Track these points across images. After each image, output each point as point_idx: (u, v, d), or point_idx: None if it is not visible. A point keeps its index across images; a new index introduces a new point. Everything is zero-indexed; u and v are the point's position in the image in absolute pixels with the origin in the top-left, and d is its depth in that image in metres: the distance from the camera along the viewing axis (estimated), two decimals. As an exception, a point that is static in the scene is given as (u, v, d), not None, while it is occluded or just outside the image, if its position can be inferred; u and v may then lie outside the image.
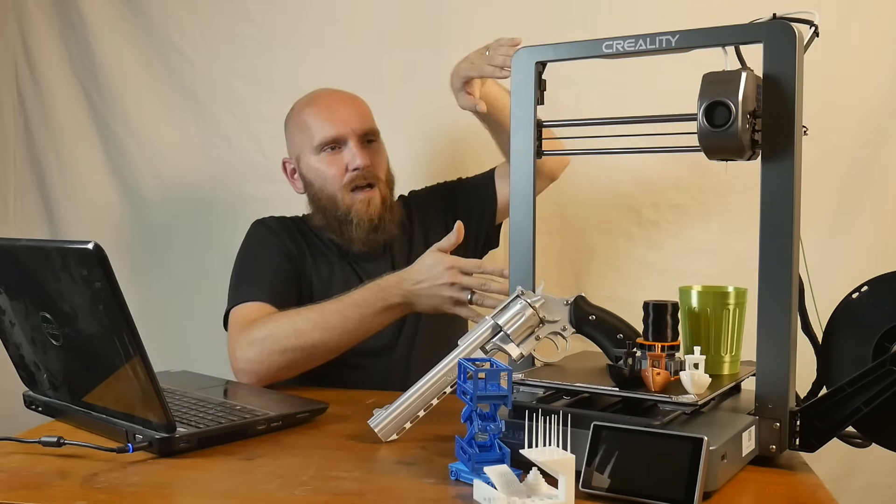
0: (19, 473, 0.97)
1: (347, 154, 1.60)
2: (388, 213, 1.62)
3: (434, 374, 1.09)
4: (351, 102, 1.65)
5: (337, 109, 1.63)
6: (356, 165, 1.59)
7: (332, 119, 1.61)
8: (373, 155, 1.62)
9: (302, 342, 1.39)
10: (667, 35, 1.03)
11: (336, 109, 1.63)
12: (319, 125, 1.61)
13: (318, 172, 1.62)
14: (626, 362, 1.00)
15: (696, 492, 0.83)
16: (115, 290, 0.96)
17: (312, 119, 1.63)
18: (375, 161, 1.62)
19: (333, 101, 1.65)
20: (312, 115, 1.63)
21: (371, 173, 1.60)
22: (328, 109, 1.63)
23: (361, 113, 1.64)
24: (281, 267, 1.59)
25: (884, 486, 1.73)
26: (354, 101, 1.67)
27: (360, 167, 1.59)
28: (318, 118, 1.62)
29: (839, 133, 1.71)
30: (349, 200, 1.60)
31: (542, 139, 1.16)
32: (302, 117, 1.65)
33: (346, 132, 1.60)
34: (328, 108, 1.63)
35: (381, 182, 1.63)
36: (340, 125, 1.60)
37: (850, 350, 1.02)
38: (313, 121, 1.62)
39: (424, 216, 1.74)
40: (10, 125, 2.15)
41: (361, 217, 1.59)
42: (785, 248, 0.97)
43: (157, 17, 2.05)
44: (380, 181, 1.62)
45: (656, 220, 1.82)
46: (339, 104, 1.64)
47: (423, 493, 0.91)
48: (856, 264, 1.67)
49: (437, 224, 1.72)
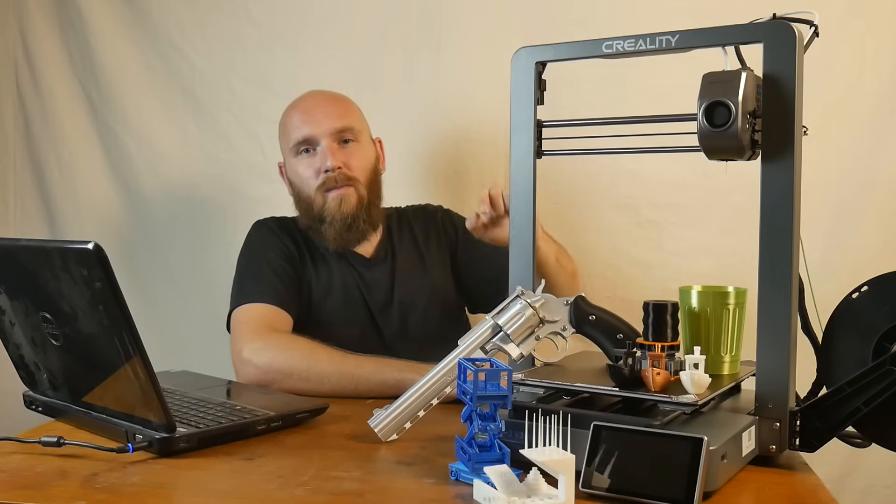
0: (19, 473, 0.97)
1: (320, 155, 1.60)
2: (363, 212, 1.60)
3: (434, 374, 1.09)
4: (329, 102, 1.64)
5: (312, 110, 1.62)
6: (327, 167, 1.58)
7: (306, 120, 1.61)
8: (348, 155, 1.61)
9: (313, 375, 1.38)
10: (667, 35, 1.03)
11: (311, 110, 1.62)
12: (294, 127, 1.62)
13: (297, 174, 1.63)
14: (626, 362, 1.00)
15: (696, 492, 0.83)
16: (115, 290, 0.96)
17: (290, 121, 1.64)
18: (351, 162, 1.61)
19: (311, 102, 1.65)
20: (290, 117, 1.64)
21: (345, 175, 1.59)
22: (304, 111, 1.63)
23: (338, 113, 1.63)
24: (283, 268, 1.59)
25: (884, 486, 1.73)
26: (333, 100, 1.65)
27: (330, 168, 1.58)
28: (293, 120, 1.63)
29: (839, 133, 1.71)
30: (321, 200, 1.59)
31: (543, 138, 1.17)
32: (283, 119, 1.66)
33: (318, 133, 1.60)
34: (304, 110, 1.63)
35: (359, 182, 1.61)
36: (312, 126, 1.60)
37: (850, 350, 1.02)
38: (290, 123, 1.63)
39: (431, 234, 1.72)
40: (10, 125, 2.15)
41: (334, 215, 1.58)
42: (785, 248, 0.97)
43: (157, 17, 2.05)
44: (357, 182, 1.61)
45: (656, 220, 1.82)
46: (316, 105, 1.64)
47: (423, 493, 0.91)
48: (856, 264, 1.67)
49: (437, 248, 1.71)
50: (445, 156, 1.95)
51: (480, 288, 1.69)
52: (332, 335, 1.47)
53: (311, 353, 1.40)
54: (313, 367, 1.38)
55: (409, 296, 1.64)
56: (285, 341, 1.44)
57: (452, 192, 1.93)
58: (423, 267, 1.68)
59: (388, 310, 1.63)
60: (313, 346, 1.41)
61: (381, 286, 1.64)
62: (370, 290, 1.63)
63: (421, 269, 1.67)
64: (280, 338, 1.45)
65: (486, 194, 1.42)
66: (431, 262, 1.69)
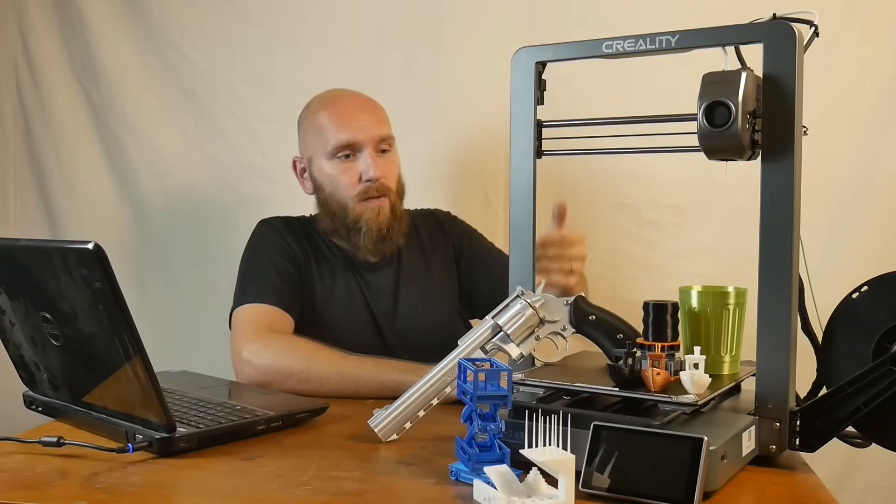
0: (19, 473, 0.97)
1: (362, 163, 1.56)
2: (396, 222, 1.59)
3: (434, 374, 1.09)
4: (369, 108, 1.61)
5: (354, 115, 1.58)
6: (370, 177, 1.56)
7: (349, 125, 1.57)
8: (387, 165, 1.59)
9: (313, 376, 1.37)
10: (667, 35, 1.03)
11: (353, 115, 1.58)
12: (335, 130, 1.57)
13: (331, 178, 1.59)
14: (626, 362, 1.00)
15: (696, 492, 0.83)
16: (115, 290, 0.96)
17: (328, 122, 1.58)
18: (389, 171, 1.59)
19: (351, 106, 1.60)
20: (328, 119, 1.59)
21: (384, 185, 1.58)
22: (345, 114, 1.58)
23: (379, 120, 1.60)
24: (286, 269, 1.58)
25: (884, 486, 1.73)
26: (373, 106, 1.62)
27: (373, 178, 1.56)
28: (334, 122, 1.58)
29: (839, 133, 1.71)
30: (359, 209, 1.57)
31: (543, 138, 1.17)
32: (318, 119, 1.60)
33: (363, 139, 1.56)
34: (346, 113, 1.59)
35: (392, 192, 1.59)
36: (357, 132, 1.56)
37: (850, 350, 1.02)
38: (329, 124, 1.58)
39: (438, 241, 1.72)
40: (10, 125, 2.14)
41: (370, 226, 1.56)
42: (785, 248, 0.97)
43: (157, 17, 2.05)
44: (391, 191, 1.59)
45: (656, 220, 1.82)
46: (357, 109, 1.60)
47: (423, 493, 0.91)
48: (856, 264, 1.67)
49: (443, 254, 1.70)
50: (445, 156, 1.95)
51: (484, 298, 1.67)
52: (334, 338, 1.46)
53: (311, 353, 1.40)
54: (313, 368, 1.37)
55: (412, 302, 1.63)
56: (285, 342, 1.44)
57: (452, 192, 1.93)
58: (427, 273, 1.67)
59: (391, 315, 1.62)
60: (313, 347, 1.41)
61: (385, 291, 1.63)
62: (374, 294, 1.62)
63: (426, 276, 1.67)
64: (280, 338, 1.45)
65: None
66: (436, 268, 1.68)
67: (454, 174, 1.91)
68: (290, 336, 1.48)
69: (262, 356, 1.40)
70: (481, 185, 1.92)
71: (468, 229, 1.75)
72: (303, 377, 1.37)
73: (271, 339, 1.44)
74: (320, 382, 1.36)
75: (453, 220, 1.77)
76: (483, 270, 1.68)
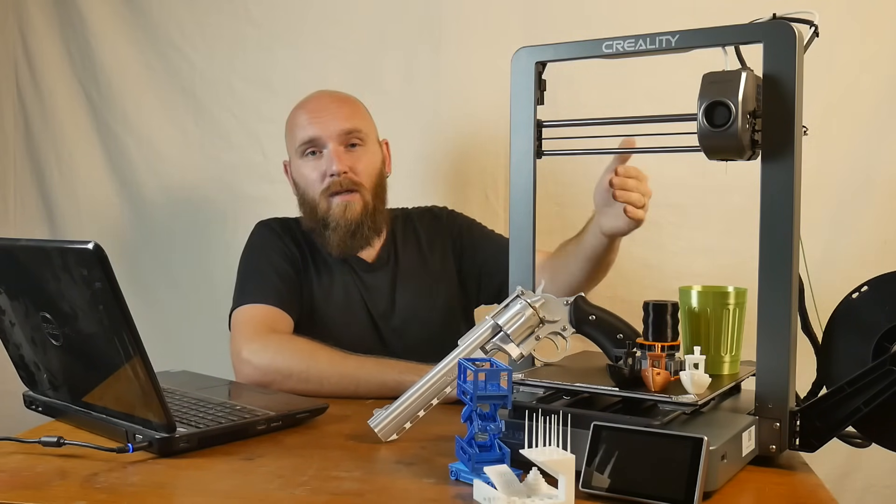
0: (19, 473, 0.97)
1: (326, 159, 1.58)
2: (368, 219, 1.58)
3: (434, 374, 1.09)
4: (336, 104, 1.61)
5: (320, 111, 1.60)
6: (332, 171, 1.56)
7: (313, 121, 1.58)
8: (355, 160, 1.58)
9: (313, 376, 1.37)
10: (667, 35, 1.03)
11: (319, 111, 1.60)
12: (301, 127, 1.59)
13: (302, 176, 1.61)
14: (626, 362, 1.00)
15: (696, 492, 0.83)
16: (115, 290, 0.96)
17: (296, 121, 1.61)
18: (357, 166, 1.58)
19: (318, 103, 1.62)
20: (297, 117, 1.62)
21: (350, 179, 1.57)
22: (311, 111, 1.60)
23: (345, 114, 1.60)
24: (285, 270, 1.58)
25: (884, 486, 1.73)
26: (341, 101, 1.63)
27: (336, 173, 1.56)
28: (300, 120, 1.60)
29: (839, 133, 1.71)
30: (325, 205, 1.58)
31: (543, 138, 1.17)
32: (291, 119, 1.64)
33: (325, 135, 1.57)
34: (311, 110, 1.61)
35: (364, 188, 1.59)
36: (319, 127, 1.57)
37: (850, 350, 1.02)
38: (297, 122, 1.61)
39: (436, 238, 1.71)
40: (10, 125, 2.15)
41: (338, 222, 1.56)
42: (785, 248, 0.97)
43: (157, 17, 2.05)
44: (362, 187, 1.58)
45: (656, 220, 1.82)
46: (323, 106, 1.61)
47: (423, 493, 0.91)
48: (856, 264, 1.67)
49: (441, 251, 1.69)
50: (445, 155, 1.95)
51: (493, 283, 1.67)
52: (333, 338, 1.46)
53: (310, 354, 1.40)
54: (313, 368, 1.37)
55: (410, 301, 1.63)
56: (285, 342, 1.44)
57: (452, 192, 1.93)
58: (425, 271, 1.67)
59: (389, 315, 1.62)
60: (313, 347, 1.41)
61: (382, 291, 1.63)
62: (371, 295, 1.62)
63: (423, 274, 1.66)
64: (280, 338, 1.45)
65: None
66: (434, 266, 1.68)
67: (454, 174, 1.91)
68: (289, 336, 1.48)
69: (261, 356, 1.40)
70: (481, 185, 1.92)
71: (466, 220, 1.75)
72: (302, 377, 1.37)
73: (271, 339, 1.44)
74: (320, 382, 1.36)
75: (451, 213, 1.77)
76: (486, 256, 1.67)
